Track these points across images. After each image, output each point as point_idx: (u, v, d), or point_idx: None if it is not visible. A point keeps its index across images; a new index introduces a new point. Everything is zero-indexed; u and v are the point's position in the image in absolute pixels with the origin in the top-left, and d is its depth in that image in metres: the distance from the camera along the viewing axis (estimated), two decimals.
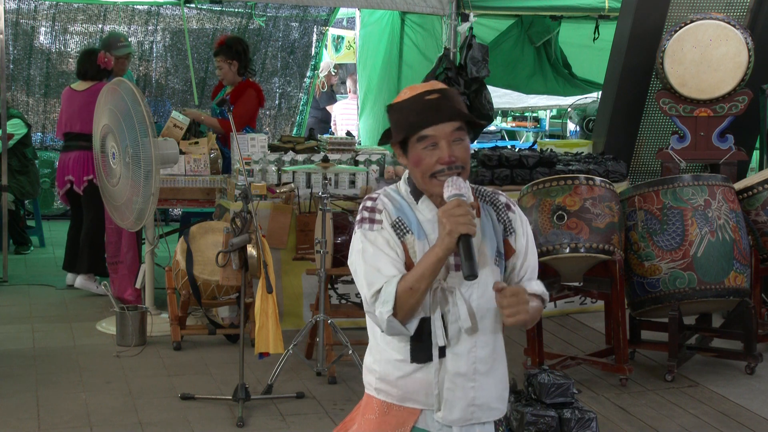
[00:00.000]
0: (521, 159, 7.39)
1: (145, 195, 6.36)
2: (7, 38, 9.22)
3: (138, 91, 6.43)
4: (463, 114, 2.69)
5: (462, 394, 2.75)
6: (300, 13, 11.31)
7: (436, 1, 9.12)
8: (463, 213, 2.60)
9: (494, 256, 2.76)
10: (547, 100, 13.85)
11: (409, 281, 2.65)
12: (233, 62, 7.60)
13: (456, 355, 2.74)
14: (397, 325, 2.68)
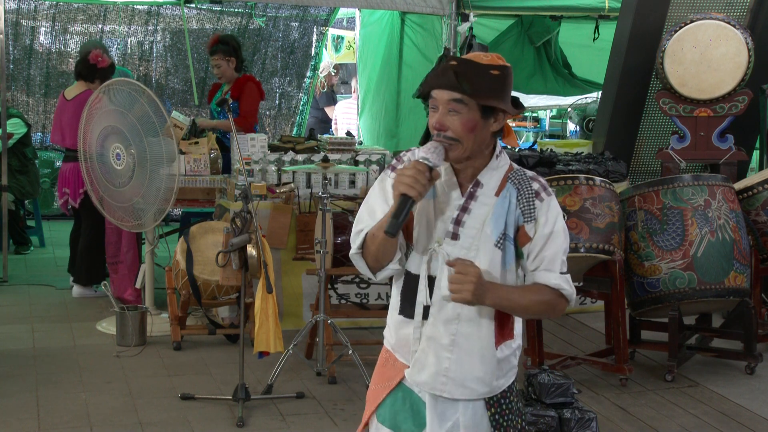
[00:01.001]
0: (521, 159, 7.39)
1: (155, 194, 6.37)
2: (7, 38, 9.21)
3: (146, 90, 6.45)
4: (459, 87, 2.69)
5: (434, 360, 2.80)
6: (300, 13, 11.31)
7: (436, 1, 9.12)
8: (410, 174, 2.65)
9: (497, 238, 2.76)
10: (547, 100, 13.85)
11: (373, 228, 2.76)
12: (231, 59, 7.63)
13: (436, 320, 2.79)
14: (360, 264, 2.81)
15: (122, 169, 6.56)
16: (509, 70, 2.76)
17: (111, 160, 6.59)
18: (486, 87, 2.70)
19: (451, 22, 9.21)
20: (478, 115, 2.72)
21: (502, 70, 2.73)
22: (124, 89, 6.53)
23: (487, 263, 2.75)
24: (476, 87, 2.69)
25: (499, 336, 2.83)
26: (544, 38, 10.86)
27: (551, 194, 2.81)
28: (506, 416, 2.88)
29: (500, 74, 2.72)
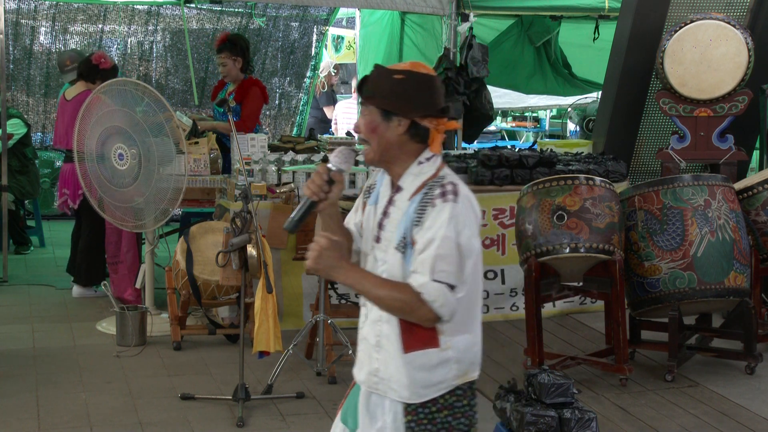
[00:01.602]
0: (521, 159, 7.39)
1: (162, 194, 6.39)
2: (7, 38, 9.21)
3: (150, 89, 6.46)
4: (361, 90, 2.90)
5: (367, 359, 2.96)
6: (300, 13, 11.31)
7: (436, 1, 9.12)
8: (313, 179, 2.89)
9: (398, 241, 2.86)
10: (547, 100, 13.86)
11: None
12: (237, 59, 7.57)
13: (366, 321, 2.96)
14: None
15: (125, 169, 6.55)
16: (419, 76, 2.86)
17: (113, 161, 6.57)
18: (383, 91, 2.85)
19: (451, 22, 9.21)
20: (378, 117, 2.86)
21: (407, 75, 2.86)
22: (127, 89, 6.53)
23: (392, 266, 2.86)
24: (375, 90, 2.86)
25: (406, 341, 2.86)
26: (544, 38, 10.87)
27: (450, 201, 2.81)
28: (423, 426, 2.89)
29: (404, 78, 2.85)
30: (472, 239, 2.83)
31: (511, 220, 7.11)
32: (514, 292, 7.29)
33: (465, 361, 2.91)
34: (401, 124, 2.86)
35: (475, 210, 2.88)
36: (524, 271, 5.93)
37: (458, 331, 2.88)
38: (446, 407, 2.90)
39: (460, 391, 2.92)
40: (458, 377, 2.90)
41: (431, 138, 2.89)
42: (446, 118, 2.90)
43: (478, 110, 9.34)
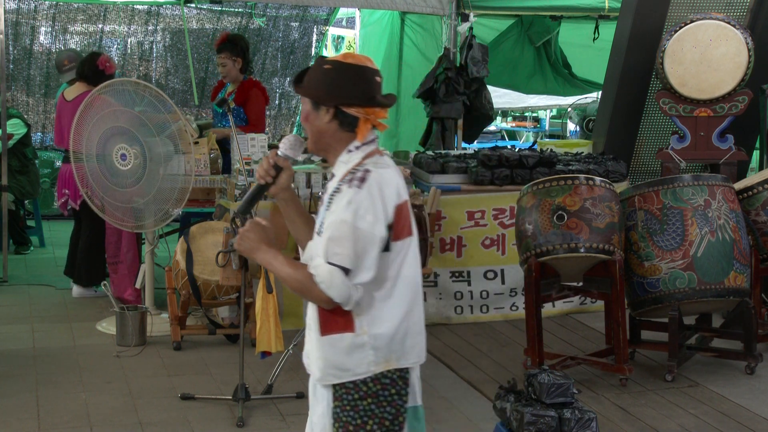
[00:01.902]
0: (521, 159, 7.39)
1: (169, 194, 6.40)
2: (7, 38, 9.21)
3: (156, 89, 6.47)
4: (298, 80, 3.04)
5: (306, 339, 3.09)
6: (300, 13, 11.32)
7: (436, 1, 9.12)
8: (261, 164, 3.10)
9: (318, 227, 2.99)
10: (547, 100, 13.86)
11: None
12: (237, 59, 7.54)
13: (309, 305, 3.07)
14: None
15: (128, 169, 6.54)
16: (346, 66, 2.97)
17: (114, 161, 6.55)
18: (312, 81, 2.98)
19: (451, 22, 9.21)
20: (310, 106, 2.99)
21: (335, 65, 2.97)
22: (129, 88, 6.53)
23: (316, 250, 2.95)
24: (307, 81, 3.00)
25: (323, 324, 2.96)
26: (544, 38, 10.86)
27: (354, 187, 2.89)
28: (347, 412, 2.95)
29: (330, 68, 2.96)
30: (375, 225, 2.87)
31: (511, 220, 7.11)
32: (513, 291, 7.29)
33: (384, 349, 2.95)
34: (328, 112, 2.96)
35: (384, 198, 2.91)
36: (524, 271, 5.93)
37: (376, 319, 2.94)
38: (370, 395, 2.95)
39: (387, 380, 2.96)
40: (378, 364, 2.94)
41: (359, 126, 2.97)
42: (377, 107, 2.99)
43: (478, 110, 9.34)
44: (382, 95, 3.05)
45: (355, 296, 2.88)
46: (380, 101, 3.02)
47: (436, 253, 6.98)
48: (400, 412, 2.99)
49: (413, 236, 3.02)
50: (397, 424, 2.98)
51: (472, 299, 7.22)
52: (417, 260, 3.03)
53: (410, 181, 7.26)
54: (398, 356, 2.97)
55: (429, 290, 7.13)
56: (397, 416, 2.98)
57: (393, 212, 2.93)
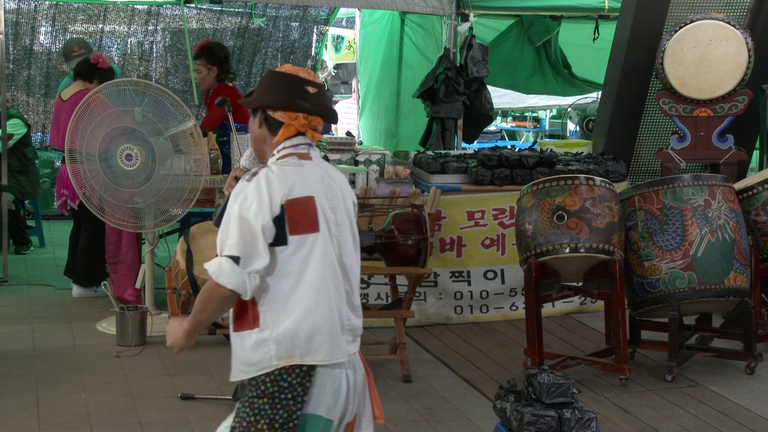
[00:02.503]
0: (521, 159, 7.39)
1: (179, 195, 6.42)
2: (7, 38, 9.22)
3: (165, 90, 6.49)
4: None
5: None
6: (300, 13, 11.32)
7: (436, 1, 9.12)
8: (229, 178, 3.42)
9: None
10: (547, 100, 13.85)
11: None
12: (212, 68, 7.57)
13: None
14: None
15: (135, 169, 6.54)
16: (276, 74, 3.15)
17: (119, 161, 6.54)
18: (253, 92, 3.19)
19: (451, 22, 9.21)
20: (249, 113, 3.20)
21: (269, 74, 3.18)
22: (133, 88, 6.55)
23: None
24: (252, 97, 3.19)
25: (235, 320, 3.08)
26: (544, 38, 10.86)
27: (245, 181, 3.05)
28: (245, 408, 3.04)
29: (266, 77, 3.17)
30: (258, 215, 2.98)
31: (511, 220, 7.11)
32: (513, 291, 7.30)
33: (286, 344, 3.01)
34: (258, 117, 3.15)
35: (271, 190, 3.01)
36: (524, 271, 5.93)
37: (280, 313, 3.02)
38: (267, 395, 3.02)
39: (285, 383, 3.02)
40: (280, 358, 3.01)
41: (281, 130, 3.13)
42: (300, 112, 3.10)
43: (478, 110, 9.34)
44: (311, 103, 3.12)
45: (250, 284, 2.97)
46: (303, 107, 3.10)
47: (436, 253, 6.99)
48: (292, 418, 3.04)
49: (321, 233, 3.07)
50: (287, 428, 3.03)
51: (471, 299, 7.22)
52: (329, 257, 3.08)
53: (410, 181, 7.26)
54: (303, 353, 3.02)
55: (429, 290, 7.13)
56: (288, 421, 3.03)
57: (282, 206, 3.01)
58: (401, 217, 6.09)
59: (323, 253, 3.06)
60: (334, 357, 3.06)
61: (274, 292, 3.03)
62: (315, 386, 3.05)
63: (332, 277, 3.08)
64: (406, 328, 6.30)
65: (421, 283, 6.41)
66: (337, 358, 3.07)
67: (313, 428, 3.07)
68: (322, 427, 3.08)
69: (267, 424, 3.01)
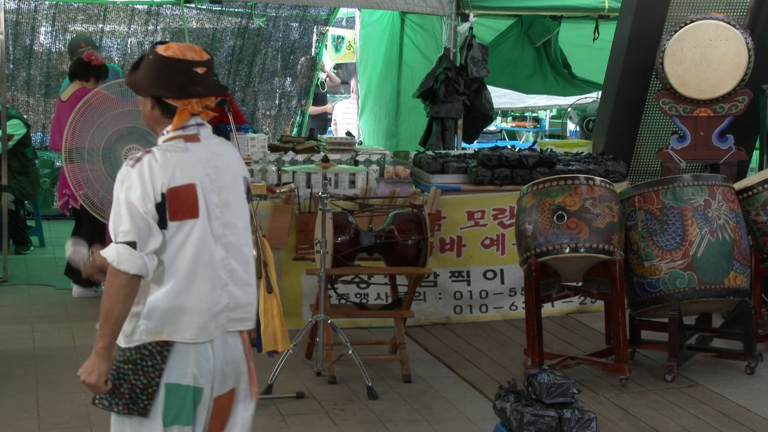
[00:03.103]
0: (521, 159, 7.39)
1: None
2: (7, 38, 9.21)
3: None
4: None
5: None
6: (300, 13, 11.31)
7: (436, 1, 9.12)
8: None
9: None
10: (547, 100, 13.83)
11: None
12: None
13: None
14: None
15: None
16: (162, 58, 3.15)
17: (122, 161, 6.54)
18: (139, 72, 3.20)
19: (451, 22, 9.21)
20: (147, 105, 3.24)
21: (155, 57, 3.16)
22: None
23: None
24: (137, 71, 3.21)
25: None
26: (544, 38, 10.85)
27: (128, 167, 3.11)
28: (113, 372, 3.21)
29: (152, 60, 3.17)
30: (143, 200, 3.07)
31: (511, 220, 7.11)
32: (513, 291, 7.30)
33: (156, 320, 3.13)
34: (147, 101, 3.20)
35: (153, 177, 3.08)
36: (524, 271, 5.93)
37: (152, 291, 3.14)
38: (131, 361, 3.17)
39: (147, 351, 3.14)
40: (149, 333, 3.14)
41: (177, 115, 3.18)
42: (193, 98, 3.15)
43: (478, 110, 9.33)
44: (202, 85, 3.18)
45: (150, 265, 3.07)
46: (195, 92, 3.17)
47: (436, 253, 6.99)
48: (151, 384, 3.16)
49: (200, 219, 3.15)
50: (146, 395, 3.15)
51: (471, 299, 7.22)
52: (207, 241, 3.17)
53: (410, 181, 7.26)
54: (170, 330, 3.14)
55: (429, 290, 7.13)
56: (147, 387, 3.15)
57: (163, 194, 3.09)
58: (401, 217, 6.09)
59: (200, 238, 3.15)
60: (201, 337, 3.18)
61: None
62: (176, 357, 3.17)
63: (209, 260, 3.18)
64: (406, 328, 6.30)
65: (420, 283, 6.41)
66: (204, 338, 3.19)
67: (179, 398, 3.18)
68: (192, 395, 3.20)
69: (128, 388, 3.16)
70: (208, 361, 3.20)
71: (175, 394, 3.17)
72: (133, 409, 3.15)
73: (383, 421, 5.28)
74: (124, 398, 3.16)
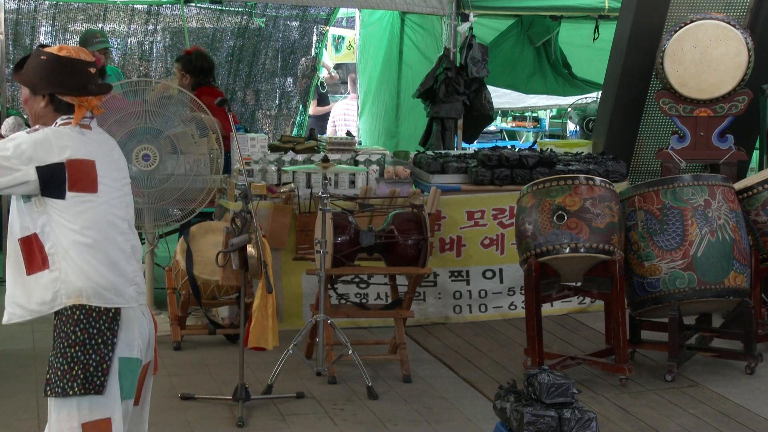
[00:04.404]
0: (521, 159, 7.39)
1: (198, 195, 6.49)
2: (7, 38, 9.21)
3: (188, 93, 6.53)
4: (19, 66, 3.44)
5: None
6: (300, 13, 11.31)
7: (436, 1, 9.11)
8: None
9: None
10: (547, 100, 13.83)
11: None
12: (186, 75, 7.65)
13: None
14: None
15: (152, 170, 6.55)
16: (60, 59, 3.35)
17: (134, 162, 6.55)
18: (29, 69, 3.38)
19: (451, 22, 9.21)
20: (27, 92, 3.41)
21: (49, 57, 3.36)
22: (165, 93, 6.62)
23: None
24: (26, 68, 3.39)
25: (29, 267, 3.32)
26: (544, 38, 10.85)
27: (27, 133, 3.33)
28: (56, 358, 3.27)
29: (46, 60, 3.35)
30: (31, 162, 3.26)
31: (511, 220, 7.11)
32: (512, 291, 7.30)
33: (73, 285, 3.28)
34: (44, 98, 3.37)
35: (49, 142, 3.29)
36: (524, 271, 5.93)
37: (67, 260, 3.30)
38: (78, 343, 3.26)
39: (94, 329, 3.27)
40: (68, 297, 3.28)
41: (75, 112, 3.37)
42: (90, 95, 3.37)
43: (478, 110, 9.33)
44: (95, 84, 3.42)
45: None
46: (93, 90, 3.39)
47: (436, 253, 6.99)
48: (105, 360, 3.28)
49: (100, 194, 3.36)
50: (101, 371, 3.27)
51: (470, 298, 7.22)
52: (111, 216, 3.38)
53: (410, 181, 7.26)
54: (89, 295, 3.31)
55: (428, 290, 7.14)
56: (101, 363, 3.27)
57: (63, 163, 3.27)
58: (401, 217, 6.09)
59: (105, 212, 3.35)
60: (123, 303, 3.35)
61: (57, 240, 3.30)
62: (123, 329, 3.33)
63: (115, 234, 3.37)
64: (406, 328, 6.30)
65: (420, 283, 6.41)
66: (128, 303, 3.36)
67: (130, 371, 3.34)
68: (136, 367, 3.39)
69: (81, 369, 3.24)
70: (145, 333, 3.40)
71: (127, 369, 3.35)
72: (89, 388, 3.25)
73: (383, 421, 5.28)
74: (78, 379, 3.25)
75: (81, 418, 3.25)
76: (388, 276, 6.29)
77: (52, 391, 3.27)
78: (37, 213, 3.31)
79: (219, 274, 5.60)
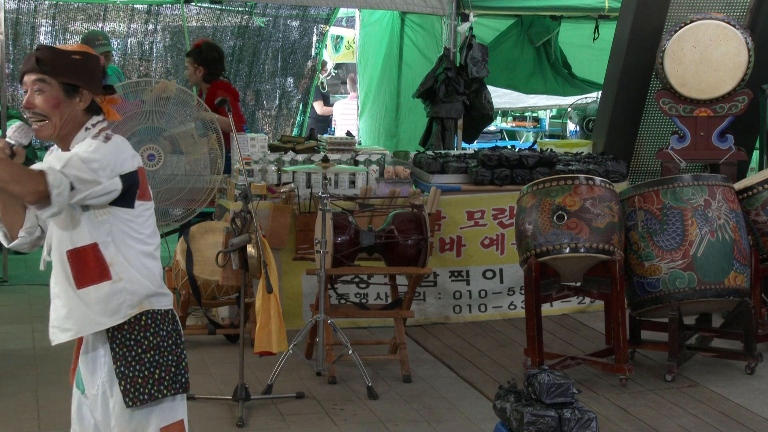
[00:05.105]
0: (521, 159, 7.40)
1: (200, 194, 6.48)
2: (7, 38, 9.21)
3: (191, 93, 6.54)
4: (39, 69, 3.12)
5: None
6: (300, 12, 11.31)
7: (436, 1, 9.12)
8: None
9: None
10: (547, 100, 13.84)
11: None
12: (200, 67, 7.73)
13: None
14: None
15: (157, 169, 6.56)
16: (92, 57, 3.21)
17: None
18: (66, 68, 3.13)
19: (451, 22, 9.21)
20: (61, 93, 3.14)
21: (83, 56, 3.18)
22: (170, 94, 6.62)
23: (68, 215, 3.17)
24: (56, 68, 3.12)
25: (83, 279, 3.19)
26: (544, 38, 10.86)
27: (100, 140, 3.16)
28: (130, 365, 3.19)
29: (81, 59, 3.17)
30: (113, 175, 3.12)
31: (511, 219, 7.12)
32: (511, 290, 7.30)
33: (138, 294, 3.22)
34: (83, 99, 3.18)
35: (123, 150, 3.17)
36: (524, 271, 5.93)
37: (134, 269, 3.23)
38: (152, 347, 3.22)
39: (164, 332, 3.25)
40: (132, 307, 3.21)
41: (105, 110, 3.26)
42: (107, 94, 3.26)
43: (478, 110, 9.33)
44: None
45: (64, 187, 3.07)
46: (108, 89, 3.30)
47: (436, 253, 6.99)
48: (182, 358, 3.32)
49: (152, 202, 3.31)
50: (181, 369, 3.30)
51: (470, 298, 7.23)
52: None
53: (410, 181, 7.26)
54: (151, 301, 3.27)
55: (428, 290, 7.14)
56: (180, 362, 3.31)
57: (136, 171, 3.19)
58: (401, 217, 6.09)
59: (155, 221, 3.34)
60: (171, 304, 3.35)
61: (119, 249, 3.20)
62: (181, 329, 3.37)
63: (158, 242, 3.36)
64: (406, 328, 6.30)
65: (420, 283, 6.41)
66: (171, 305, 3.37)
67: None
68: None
69: (164, 371, 3.23)
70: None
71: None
72: (178, 388, 3.25)
73: (383, 421, 5.28)
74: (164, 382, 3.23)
75: (160, 422, 3.23)
76: (388, 276, 6.29)
77: (136, 399, 3.17)
78: (98, 222, 3.16)
79: (219, 274, 5.60)
